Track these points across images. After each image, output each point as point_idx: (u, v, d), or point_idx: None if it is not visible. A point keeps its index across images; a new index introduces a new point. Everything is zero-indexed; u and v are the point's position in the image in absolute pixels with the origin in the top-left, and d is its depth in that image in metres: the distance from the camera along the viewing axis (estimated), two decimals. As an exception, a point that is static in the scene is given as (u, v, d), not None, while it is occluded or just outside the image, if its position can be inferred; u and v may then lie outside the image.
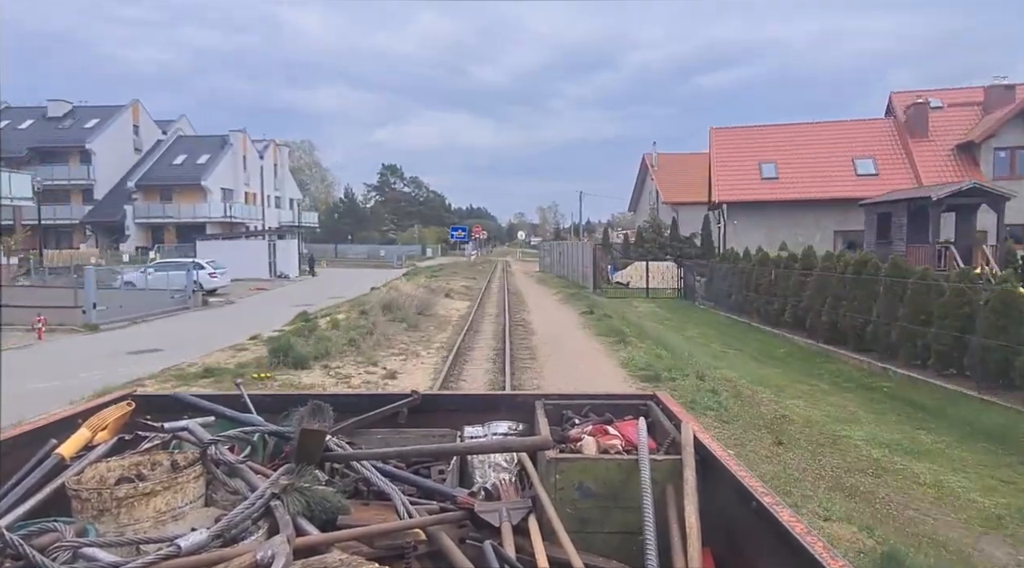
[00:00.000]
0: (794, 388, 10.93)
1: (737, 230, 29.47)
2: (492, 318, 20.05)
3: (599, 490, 2.03)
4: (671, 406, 2.53)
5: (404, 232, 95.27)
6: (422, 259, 73.41)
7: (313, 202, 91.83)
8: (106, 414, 2.34)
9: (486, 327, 17.91)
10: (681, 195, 42.32)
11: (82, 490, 1.77)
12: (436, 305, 22.38)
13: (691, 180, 41.50)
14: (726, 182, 30.46)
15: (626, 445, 2.25)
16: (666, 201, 43.03)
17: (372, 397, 2.77)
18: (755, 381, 11.15)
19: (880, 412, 9.49)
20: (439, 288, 28.50)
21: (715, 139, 33.04)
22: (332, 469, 2.22)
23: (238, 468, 2.00)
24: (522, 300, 26.26)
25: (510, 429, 2.59)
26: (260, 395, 2.73)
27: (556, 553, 1.82)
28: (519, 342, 14.88)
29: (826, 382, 11.60)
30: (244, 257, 36.55)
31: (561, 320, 19.50)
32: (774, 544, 1.56)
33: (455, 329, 17.20)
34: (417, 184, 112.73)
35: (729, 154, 31.64)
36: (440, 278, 36.14)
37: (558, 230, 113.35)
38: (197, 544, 1.51)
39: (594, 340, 15.38)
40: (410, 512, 1.94)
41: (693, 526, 1.80)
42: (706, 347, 15.19)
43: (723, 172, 30.91)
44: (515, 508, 1.99)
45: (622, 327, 16.92)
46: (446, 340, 15.33)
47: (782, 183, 29.98)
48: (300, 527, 1.75)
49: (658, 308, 23.99)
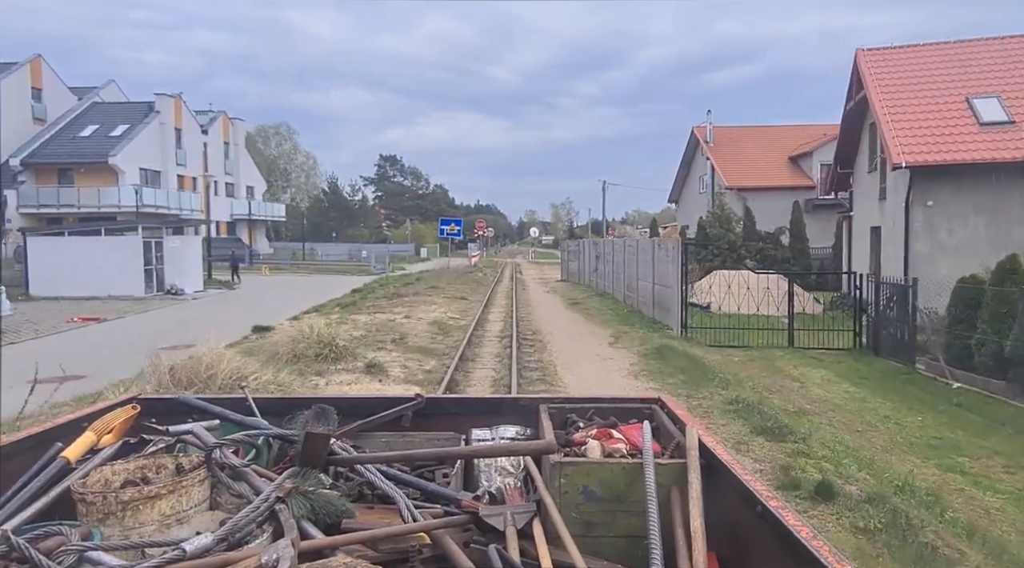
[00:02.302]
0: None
1: (932, 215, 17.00)
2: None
3: (604, 494, 2.03)
4: (676, 410, 2.52)
5: (400, 229, 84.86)
6: (414, 260, 61.75)
7: (297, 194, 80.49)
8: (111, 418, 2.34)
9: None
10: (749, 178, 32.23)
11: (87, 493, 1.77)
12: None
13: (760, 159, 33.44)
14: (905, 133, 17.23)
15: (631, 449, 2.24)
16: (730, 186, 32.12)
17: (376, 401, 2.77)
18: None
19: None
20: (382, 329, 15.62)
21: (870, 67, 19.51)
22: (336, 473, 2.22)
23: (243, 472, 2.00)
24: (557, 377, 11.29)
25: (518, 433, 2.59)
26: (264, 399, 2.74)
27: (561, 557, 1.81)
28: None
29: None
30: (108, 261, 24.56)
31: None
32: (780, 548, 1.55)
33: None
34: (417, 176, 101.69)
35: (907, 87, 18.58)
36: (402, 304, 21.64)
37: (572, 228, 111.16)
38: (202, 548, 1.51)
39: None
40: (414, 516, 1.94)
41: (698, 530, 1.80)
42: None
43: (899, 117, 17.80)
44: (520, 512, 1.99)
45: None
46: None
47: (1021, 130, 16.78)
48: (304, 531, 1.75)
49: (860, 389, 11.46)
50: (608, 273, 26.57)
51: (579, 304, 23.76)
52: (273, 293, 28.00)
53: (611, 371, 11.99)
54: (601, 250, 28.97)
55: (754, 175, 32.57)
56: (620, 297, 23.62)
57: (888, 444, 8.53)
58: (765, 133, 36.81)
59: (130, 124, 43.37)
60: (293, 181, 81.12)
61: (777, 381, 11.53)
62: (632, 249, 22.37)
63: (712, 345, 15.01)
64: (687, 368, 11.83)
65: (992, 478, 7.52)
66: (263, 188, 63.90)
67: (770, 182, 31.90)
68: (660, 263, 17.83)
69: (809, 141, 33.69)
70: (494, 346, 14.69)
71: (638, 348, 14.01)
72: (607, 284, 26.64)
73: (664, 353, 13.06)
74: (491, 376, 11.58)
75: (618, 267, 24.46)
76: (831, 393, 11.01)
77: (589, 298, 25.81)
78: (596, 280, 29.45)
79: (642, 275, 20.07)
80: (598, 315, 20.31)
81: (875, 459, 7.54)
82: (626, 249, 23.48)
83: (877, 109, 18.38)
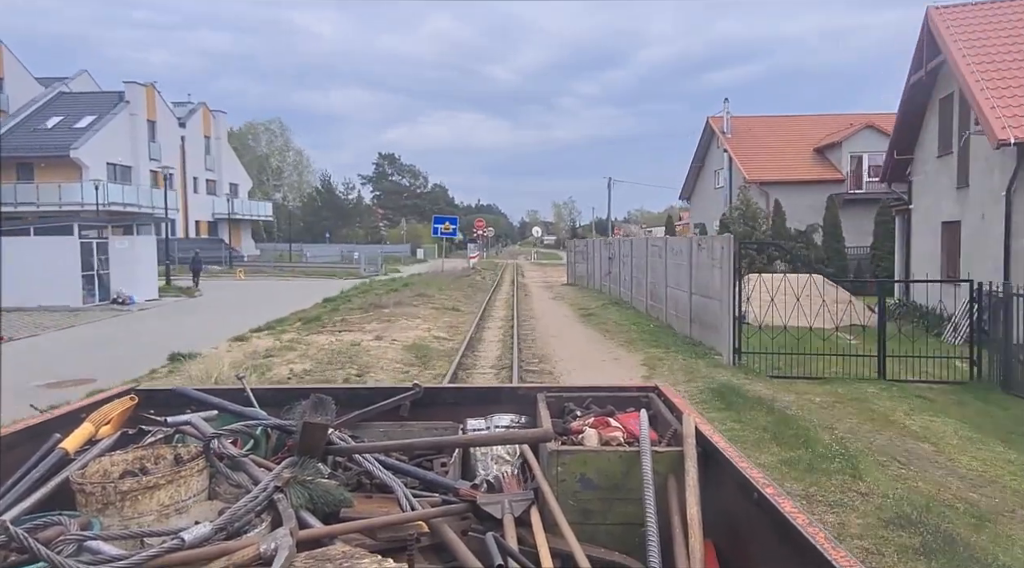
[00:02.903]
0: None
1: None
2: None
3: (601, 482, 2.04)
4: (673, 398, 2.53)
5: (396, 229, 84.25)
6: (410, 262, 58.85)
7: (290, 193, 76.92)
8: (109, 409, 2.35)
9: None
10: (772, 171, 29.52)
11: (86, 484, 1.78)
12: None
13: (783, 151, 30.80)
14: (1007, 103, 14.05)
15: (628, 437, 2.25)
16: (751, 180, 28.89)
17: (374, 390, 2.78)
18: None
19: None
20: (340, 357, 12.35)
21: (950, 27, 16.34)
22: (335, 462, 2.23)
23: (241, 462, 2.01)
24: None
25: (513, 422, 2.59)
26: (263, 389, 2.74)
27: (558, 545, 1.82)
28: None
29: None
30: (40, 266, 20.97)
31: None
32: (776, 535, 1.56)
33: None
34: (415, 174, 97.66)
35: (1003, 47, 15.65)
36: (379, 318, 17.91)
37: (574, 227, 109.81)
38: (201, 537, 1.52)
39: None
40: (412, 504, 1.95)
41: (695, 518, 1.80)
42: None
43: (996, 84, 14.59)
44: (517, 500, 2.00)
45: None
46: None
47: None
48: (303, 520, 1.76)
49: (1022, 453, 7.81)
50: (625, 278, 22.67)
51: (593, 316, 19.52)
52: (237, 302, 24.99)
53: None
54: (615, 251, 24.62)
55: (778, 168, 29.64)
56: (642, 307, 19.84)
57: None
58: (787, 123, 33.72)
59: (97, 115, 39.86)
60: (286, 179, 77.59)
61: (894, 440, 8.10)
62: (657, 250, 18.30)
63: (774, 376, 11.31)
64: (771, 426, 8.14)
65: None
66: (248, 186, 59.85)
67: (796, 176, 29.11)
68: (701, 268, 14.02)
69: (836, 131, 30.92)
70: (488, 385, 10.62)
71: (685, 386, 10.26)
72: (623, 290, 22.89)
73: (726, 396, 9.64)
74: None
75: (638, 271, 20.47)
76: (987, 464, 7.41)
77: (604, 308, 21.40)
78: (609, 285, 25.47)
79: (673, 282, 16.26)
80: (619, 331, 16.37)
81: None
82: (649, 250, 19.28)
83: (966, 75, 15.08)
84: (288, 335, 15.23)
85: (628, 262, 22.09)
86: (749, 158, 30.36)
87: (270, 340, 14.04)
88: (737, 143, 31.70)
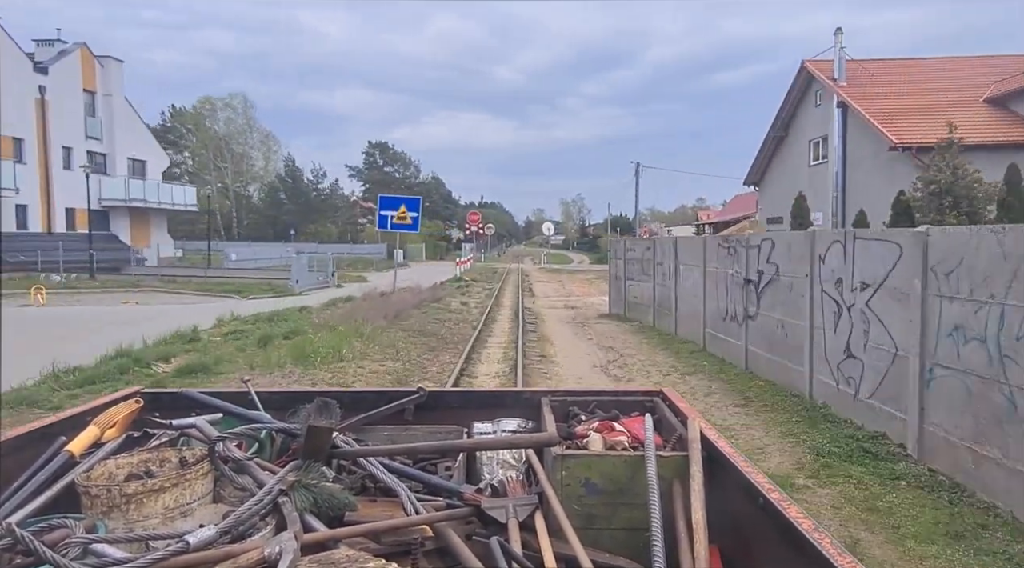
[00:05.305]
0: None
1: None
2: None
3: (605, 486, 2.03)
4: (678, 402, 2.52)
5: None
6: (384, 266, 41.00)
7: (252, 180, 67.01)
8: (115, 412, 2.35)
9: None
10: (932, 131, 18.23)
11: (91, 487, 1.78)
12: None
13: (939, 103, 21.01)
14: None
15: (632, 441, 2.25)
16: (899, 144, 19.15)
17: (379, 394, 2.77)
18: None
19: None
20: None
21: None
22: (339, 466, 2.23)
23: (246, 465, 2.01)
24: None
25: (519, 426, 2.59)
26: (268, 392, 2.75)
27: (563, 549, 1.82)
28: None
29: None
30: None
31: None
32: (781, 540, 1.55)
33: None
34: (405, 163, 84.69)
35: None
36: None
37: (583, 227, 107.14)
38: (205, 540, 1.52)
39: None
40: (417, 508, 1.94)
41: (700, 522, 1.80)
42: None
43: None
44: (522, 504, 1.99)
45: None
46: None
47: None
48: (307, 523, 1.76)
49: None
50: (795, 332, 8.78)
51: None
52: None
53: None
54: (760, 262, 10.00)
55: (937, 127, 18.03)
56: (896, 430, 6.48)
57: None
58: (927, 67, 24.24)
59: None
60: (248, 167, 67.02)
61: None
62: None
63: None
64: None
65: None
66: (164, 164, 45.67)
67: (974, 137, 18.43)
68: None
69: (1010, 74, 21.36)
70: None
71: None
72: (786, 356, 9.07)
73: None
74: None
75: (857, 320, 7.20)
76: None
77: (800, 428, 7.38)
78: (726, 334, 11.30)
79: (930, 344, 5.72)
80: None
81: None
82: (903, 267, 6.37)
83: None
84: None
85: (805, 295, 8.45)
86: (887, 114, 20.72)
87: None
88: (860, 95, 21.83)
